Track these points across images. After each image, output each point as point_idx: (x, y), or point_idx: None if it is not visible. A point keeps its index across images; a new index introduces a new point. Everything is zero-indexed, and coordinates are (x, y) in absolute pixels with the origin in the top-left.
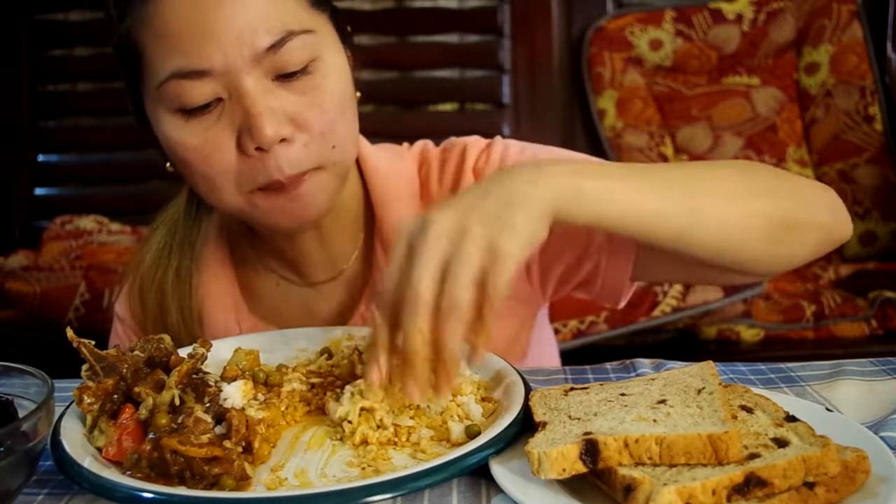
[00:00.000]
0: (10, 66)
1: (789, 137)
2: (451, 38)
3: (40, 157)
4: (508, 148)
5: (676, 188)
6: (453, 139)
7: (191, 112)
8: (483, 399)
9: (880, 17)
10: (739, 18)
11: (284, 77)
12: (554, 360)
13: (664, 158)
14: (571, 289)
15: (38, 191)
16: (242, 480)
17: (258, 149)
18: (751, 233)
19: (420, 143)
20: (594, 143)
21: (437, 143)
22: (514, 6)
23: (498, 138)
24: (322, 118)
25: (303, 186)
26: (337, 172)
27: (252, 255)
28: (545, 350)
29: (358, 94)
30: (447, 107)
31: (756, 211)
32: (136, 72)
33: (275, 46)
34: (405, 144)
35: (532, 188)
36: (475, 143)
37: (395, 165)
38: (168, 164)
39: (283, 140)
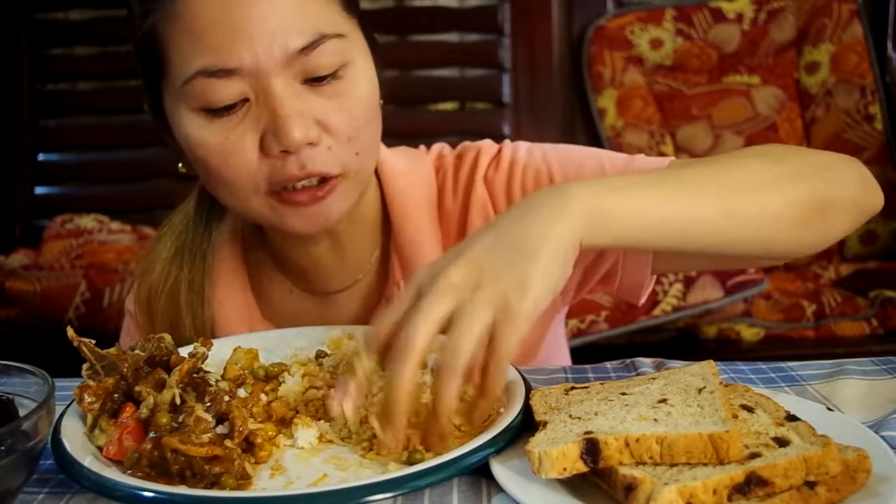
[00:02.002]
0: (11, 65)
1: (789, 136)
2: (452, 37)
3: (40, 156)
4: (517, 152)
5: (709, 191)
6: (468, 143)
7: (215, 111)
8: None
9: (881, 16)
10: (740, 17)
11: (314, 81)
12: (565, 360)
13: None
14: (591, 287)
15: (39, 190)
16: (243, 480)
17: (283, 151)
18: (786, 221)
19: (436, 148)
20: (594, 142)
21: (437, 142)
22: (514, 5)
23: (507, 143)
24: (350, 124)
25: (330, 195)
26: (358, 180)
27: (265, 263)
28: (559, 351)
29: (381, 101)
30: (447, 106)
31: (791, 199)
32: (157, 69)
33: (307, 49)
34: (422, 148)
35: (550, 229)
36: (488, 149)
37: (413, 172)
38: (181, 165)
39: (309, 143)
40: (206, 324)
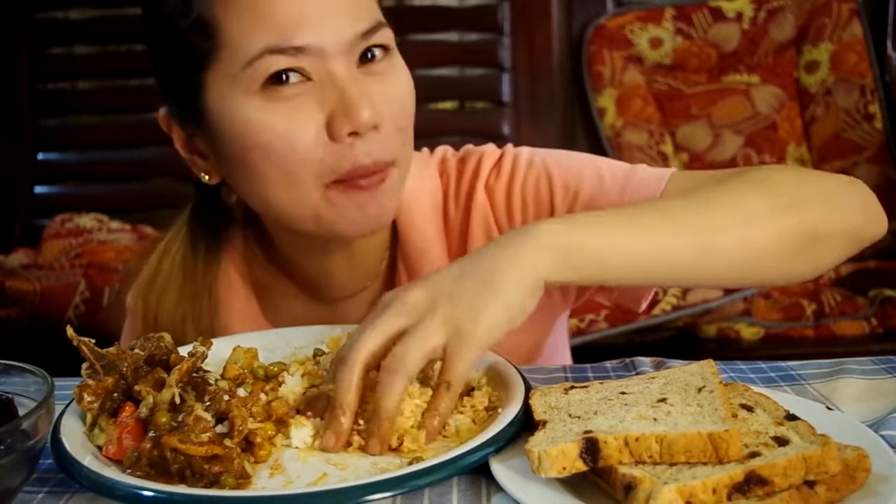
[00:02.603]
0: (10, 64)
1: (789, 136)
2: (451, 36)
3: (40, 156)
4: (518, 159)
5: (689, 228)
6: (470, 147)
7: (279, 87)
8: (487, 409)
9: (880, 16)
10: (739, 17)
11: (366, 65)
12: (566, 361)
13: (664, 156)
14: (591, 295)
15: (38, 189)
16: (243, 479)
17: (352, 134)
18: (771, 254)
19: (439, 151)
20: (594, 141)
21: (437, 143)
22: (513, 4)
23: (509, 148)
24: (401, 114)
25: (385, 182)
26: (403, 173)
27: (270, 270)
28: (561, 352)
29: None
30: (447, 105)
31: (780, 232)
32: (201, 59)
33: (367, 33)
34: (424, 151)
35: (512, 268)
36: (490, 154)
37: (418, 179)
38: (204, 176)
39: (374, 127)
40: (215, 332)
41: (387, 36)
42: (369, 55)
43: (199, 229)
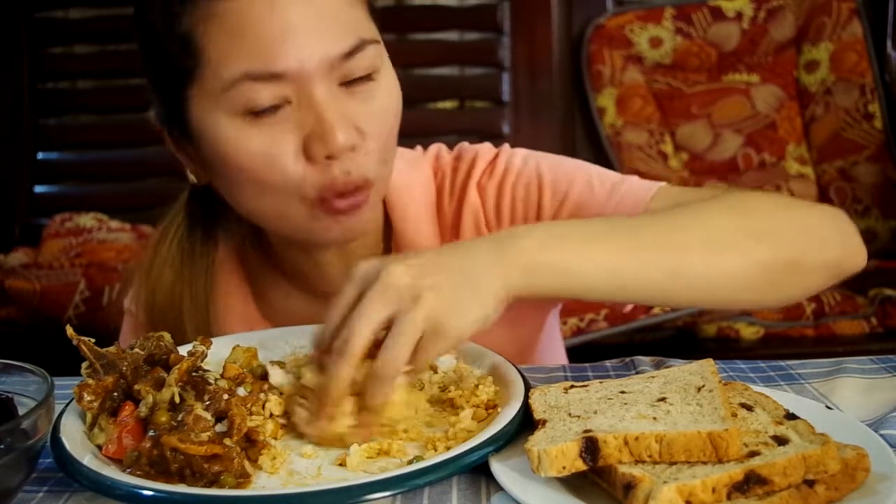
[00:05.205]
0: (10, 64)
1: (789, 135)
2: (451, 35)
3: (40, 155)
4: (512, 160)
5: (657, 245)
6: (465, 145)
7: (257, 115)
8: (487, 408)
9: (880, 15)
10: (739, 16)
11: (349, 84)
12: (560, 360)
13: (664, 156)
14: None
15: (38, 188)
16: (242, 478)
17: (328, 157)
18: (744, 283)
19: (434, 149)
20: (594, 141)
21: (437, 142)
22: (513, 4)
23: (504, 148)
24: (381, 131)
25: (364, 205)
26: (379, 189)
27: (264, 265)
28: (555, 351)
29: None
30: (447, 104)
31: (751, 261)
32: (185, 74)
33: (349, 54)
34: (418, 149)
35: (489, 272)
36: (484, 154)
37: (412, 176)
38: (192, 176)
39: (350, 148)
40: (211, 330)
41: (371, 55)
42: (355, 73)
43: (197, 213)
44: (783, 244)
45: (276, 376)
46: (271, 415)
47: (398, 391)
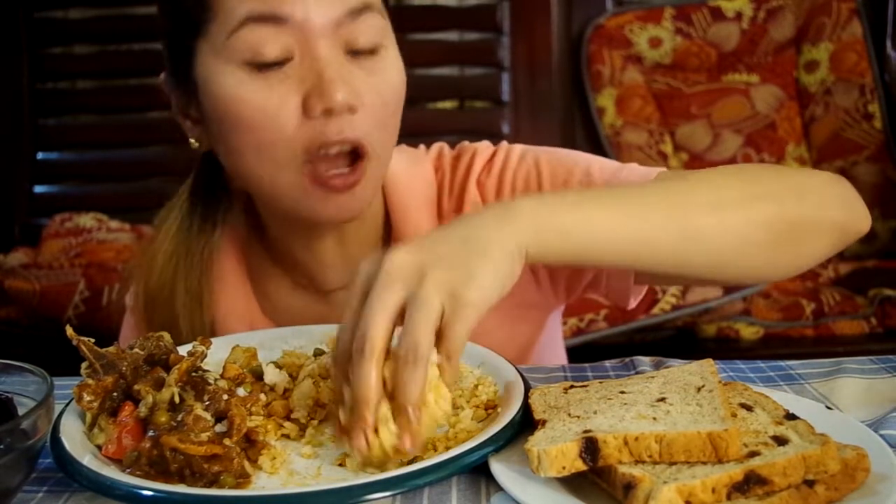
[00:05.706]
0: (10, 64)
1: (789, 135)
2: (451, 35)
3: (40, 155)
4: (510, 156)
5: (663, 208)
6: (466, 144)
7: (259, 67)
8: (487, 407)
9: (880, 15)
10: (739, 16)
11: (355, 55)
12: (560, 361)
13: (664, 156)
14: (583, 290)
15: (38, 188)
16: (242, 478)
17: (325, 111)
18: (751, 243)
19: (436, 147)
20: (593, 141)
21: (437, 142)
22: (513, 4)
23: (503, 145)
24: (383, 108)
25: (360, 183)
26: (380, 166)
27: (265, 260)
28: (555, 352)
29: None
30: (446, 104)
31: (756, 218)
32: (195, 25)
33: (354, 13)
34: (421, 147)
35: (497, 233)
36: (483, 151)
37: (413, 172)
38: (194, 141)
39: (349, 109)
40: (206, 328)
41: (378, 26)
42: (359, 41)
43: (199, 195)
44: (787, 205)
45: (271, 374)
46: (271, 415)
47: (432, 387)
